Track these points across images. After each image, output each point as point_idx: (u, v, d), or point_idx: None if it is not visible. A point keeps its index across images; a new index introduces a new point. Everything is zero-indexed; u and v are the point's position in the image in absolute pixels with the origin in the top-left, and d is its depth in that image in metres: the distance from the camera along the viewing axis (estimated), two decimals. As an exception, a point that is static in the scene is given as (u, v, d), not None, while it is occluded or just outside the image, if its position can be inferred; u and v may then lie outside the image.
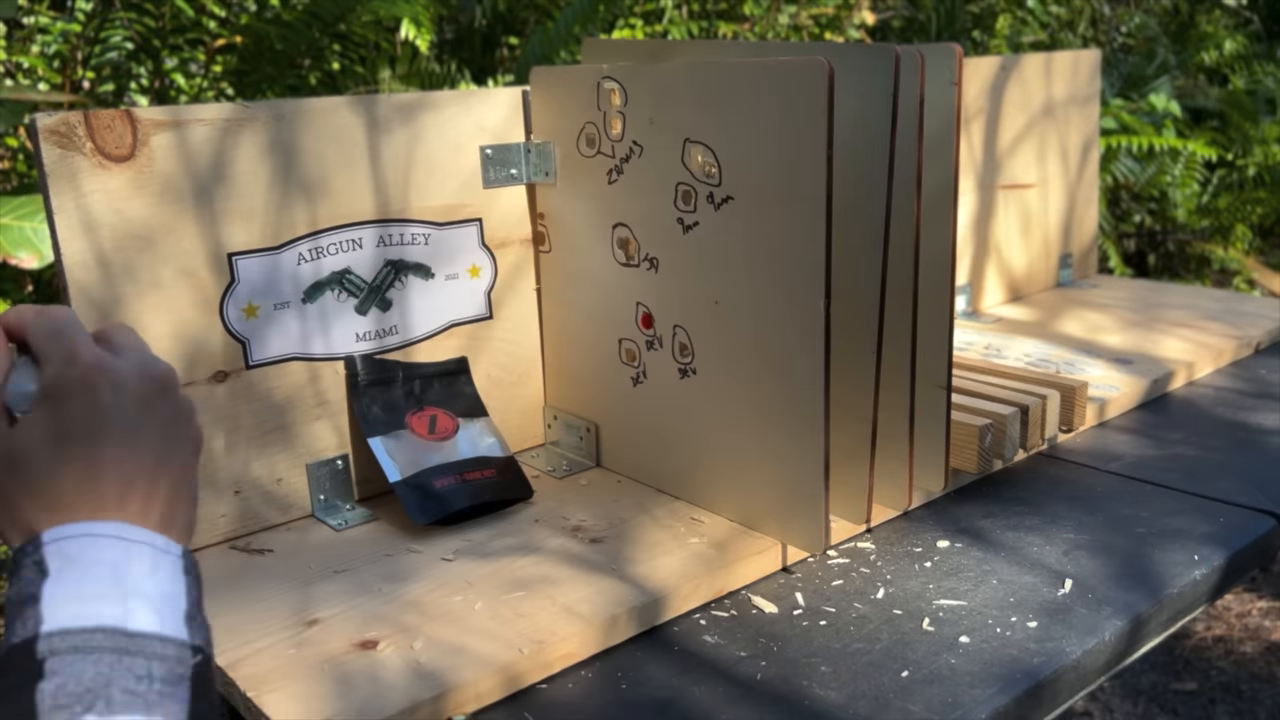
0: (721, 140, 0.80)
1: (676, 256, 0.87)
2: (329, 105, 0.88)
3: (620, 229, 0.92)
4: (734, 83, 0.78)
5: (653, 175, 0.87)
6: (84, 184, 0.78)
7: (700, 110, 0.81)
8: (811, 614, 0.77)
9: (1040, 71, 1.48)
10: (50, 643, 0.46)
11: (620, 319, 0.94)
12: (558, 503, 0.93)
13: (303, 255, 0.88)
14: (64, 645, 0.46)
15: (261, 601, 0.78)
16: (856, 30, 3.15)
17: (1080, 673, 0.72)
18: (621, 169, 0.90)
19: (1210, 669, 2.11)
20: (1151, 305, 1.49)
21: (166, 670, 0.47)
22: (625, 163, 0.89)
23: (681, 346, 0.88)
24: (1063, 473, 1.00)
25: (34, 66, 2.31)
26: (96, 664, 0.46)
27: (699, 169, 0.82)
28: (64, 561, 0.48)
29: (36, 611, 0.47)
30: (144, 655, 0.47)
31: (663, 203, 0.86)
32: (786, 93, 0.74)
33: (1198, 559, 0.83)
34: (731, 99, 0.78)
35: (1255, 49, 4.02)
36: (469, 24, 2.93)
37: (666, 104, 0.84)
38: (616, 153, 0.90)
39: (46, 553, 0.48)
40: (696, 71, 0.81)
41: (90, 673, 0.46)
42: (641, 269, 0.90)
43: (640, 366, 0.93)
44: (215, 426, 0.86)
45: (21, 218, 1.70)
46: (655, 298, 0.90)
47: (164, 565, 0.50)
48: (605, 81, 0.89)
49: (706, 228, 0.83)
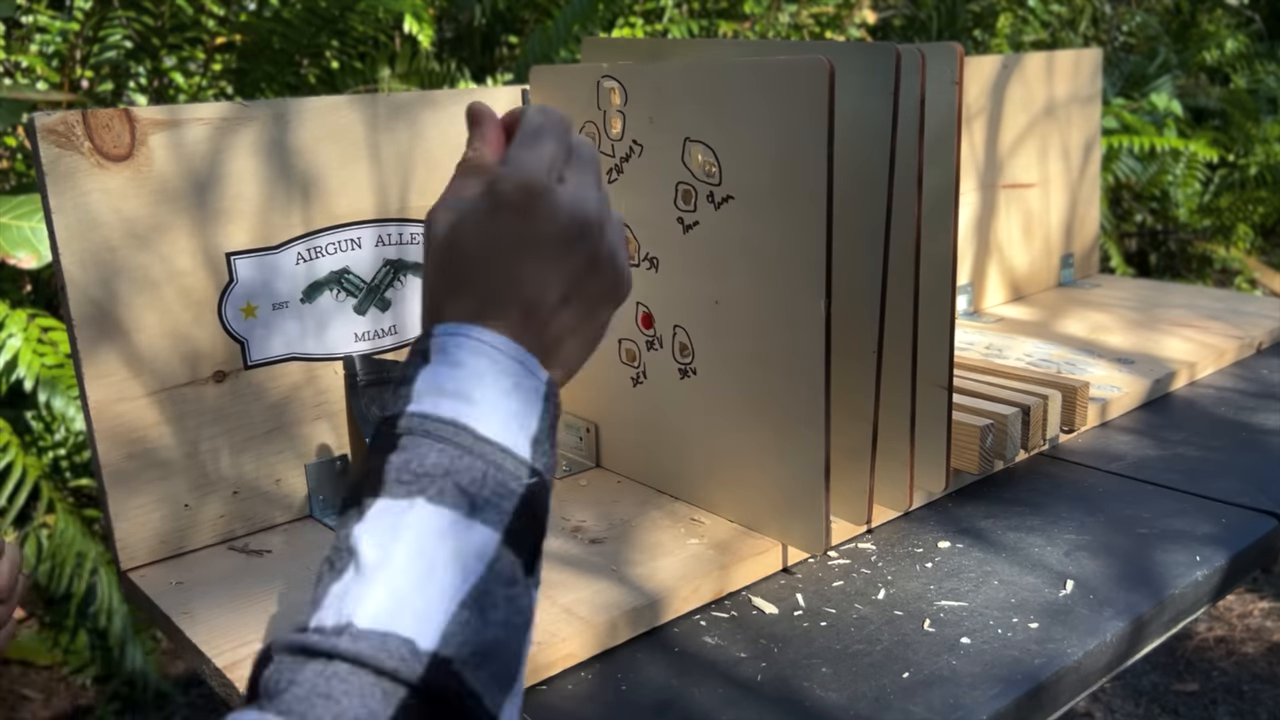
0: (721, 139, 0.80)
1: (676, 256, 0.86)
2: (328, 104, 0.88)
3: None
4: (734, 82, 0.77)
5: (653, 174, 0.86)
6: (82, 183, 0.77)
7: (700, 109, 0.81)
8: (812, 615, 0.77)
9: (1041, 71, 1.48)
10: (409, 421, 0.50)
11: (620, 319, 0.93)
12: (557, 503, 0.93)
13: (301, 255, 0.88)
14: (419, 427, 0.50)
15: (260, 602, 0.78)
16: (857, 29, 3.15)
17: (1082, 674, 0.72)
18: (621, 168, 0.89)
19: (1212, 670, 2.11)
20: (1153, 305, 1.48)
21: (500, 481, 0.49)
22: (625, 162, 0.89)
23: (681, 346, 0.88)
24: (1064, 473, 0.99)
25: (32, 65, 2.30)
26: (440, 454, 0.49)
27: (699, 168, 0.82)
28: (443, 356, 0.52)
29: (408, 391, 0.51)
30: (484, 460, 0.49)
31: (663, 202, 0.86)
32: (787, 92, 0.74)
33: (1199, 560, 0.83)
34: (731, 98, 0.78)
35: (1257, 48, 4.02)
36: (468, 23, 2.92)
37: (666, 103, 0.83)
38: (616, 152, 0.89)
39: (433, 343, 0.52)
40: (696, 70, 0.81)
41: (433, 459, 0.49)
42: (641, 269, 0.90)
43: (640, 367, 0.93)
44: (213, 427, 0.86)
45: (20, 217, 1.70)
46: (655, 298, 0.90)
47: (526, 388, 0.52)
48: (605, 80, 0.88)
49: (706, 227, 0.83)
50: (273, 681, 0.44)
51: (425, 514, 0.47)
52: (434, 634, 0.45)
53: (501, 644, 0.47)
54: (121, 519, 0.83)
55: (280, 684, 0.43)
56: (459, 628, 0.45)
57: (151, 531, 0.84)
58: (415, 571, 0.46)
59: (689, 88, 0.81)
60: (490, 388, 0.51)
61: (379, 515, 0.48)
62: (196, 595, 0.79)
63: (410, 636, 0.44)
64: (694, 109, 0.81)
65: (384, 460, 0.49)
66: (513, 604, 0.48)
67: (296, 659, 0.44)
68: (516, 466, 0.50)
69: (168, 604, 0.78)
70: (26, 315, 1.91)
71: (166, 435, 0.84)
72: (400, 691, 0.43)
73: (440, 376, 0.51)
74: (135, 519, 0.83)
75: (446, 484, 0.48)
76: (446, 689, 0.44)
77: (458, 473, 0.48)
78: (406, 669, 0.43)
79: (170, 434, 0.84)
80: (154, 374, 0.83)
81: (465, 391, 0.50)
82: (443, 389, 0.51)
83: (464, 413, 0.50)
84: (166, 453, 0.84)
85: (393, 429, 0.50)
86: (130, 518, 0.83)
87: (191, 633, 0.74)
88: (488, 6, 2.90)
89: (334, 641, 0.44)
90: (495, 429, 0.50)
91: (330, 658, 0.44)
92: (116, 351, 0.81)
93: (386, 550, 0.47)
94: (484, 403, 0.51)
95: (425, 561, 0.46)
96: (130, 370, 0.81)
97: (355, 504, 0.49)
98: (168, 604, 0.78)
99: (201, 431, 0.85)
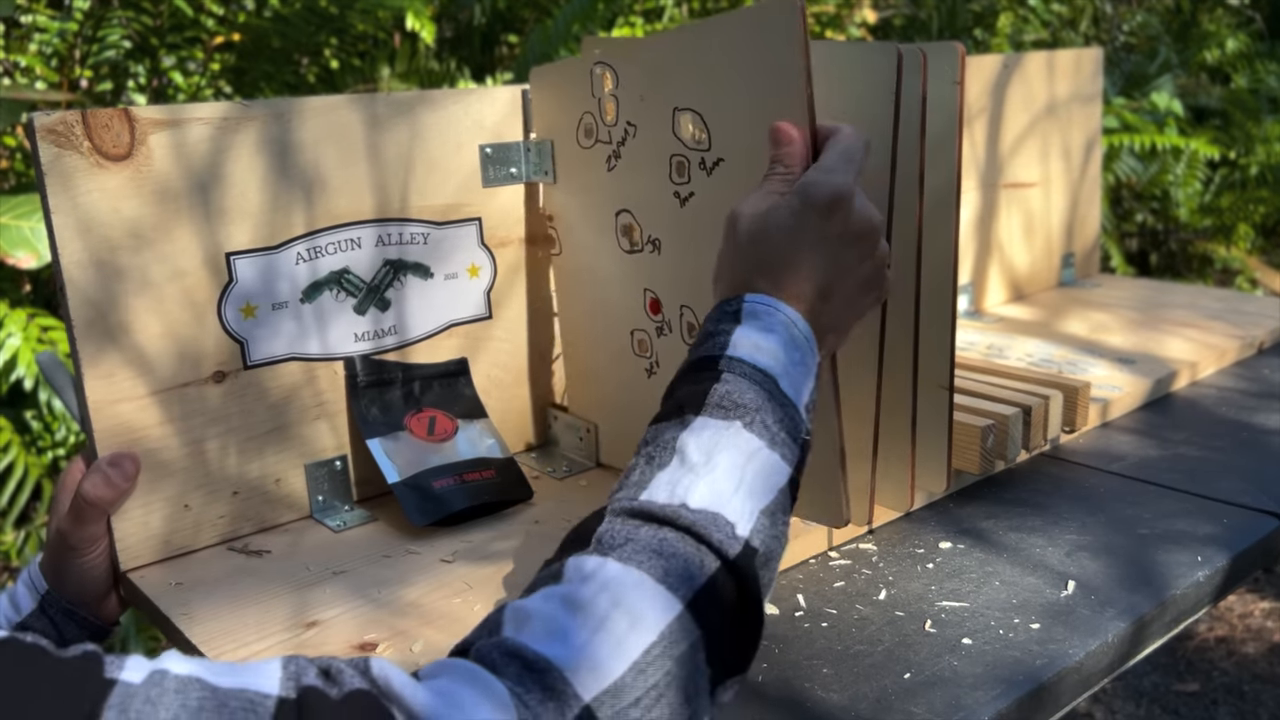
0: (707, 101, 0.79)
1: (676, 233, 0.85)
2: (328, 104, 0.88)
3: (623, 215, 0.90)
4: (711, 39, 0.76)
5: (648, 152, 0.85)
6: (81, 183, 0.77)
7: (685, 75, 0.80)
8: (813, 616, 0.77)
9: (1042, 70, 1.48)
10: (729, 362, 0.62)
11: (631, 310, 0.92)
12: (558, 504, 0.93)
13: (301, 255, 0.88)
14: (738, 368, 0.61)
15: (260, 603, 0.78)
16: (858, 28, 3.14)
17: (1083, 674, 0.72)
18: (619, 153, 0.88)
19: (1213, 670, 2.11)
20: (1154, 305, 1.48)
21: (791, 429, 0.61)
22: (622, 146, 0.88)
23: (690, 326, 0.87)
24: (1065, 473, 0.99)
25: (31, 65, 2.30)
26: (756, 392, 0.60)
27: (689, 138, 0.81)
28: (755, 320, 0.63)
29: (725, 340, 0.63)
30: (783, 408, 0.61)
31: (659, 178, 0.85)
32: (761, 36, 0.72)
33: (1201, 560, 0.82)
34: (711, 58, 0.77)
35: (1258, 47, 4.01)
36: (468, 22, 2.92)
37: (654, 77, 0.83)
38: (613, 137, 0.88)
39: (745, 307, 0.64)
40: (679, 36, 0.80)
41: (750, 395, 0.60)
42: (645, 253, 0.88)
43: (653, 357, 0.92)
44: (213, 427, 0.86)
45: (19, 217, 1.70)
46: (660, 280, 0.88)
47: (808, 364, 0.64)
48: (597, 67, 0.88)
49: (702, 196, 0.82)
50: (609, 535, 0.55)
51: (741, 436, 0.58)
52: (749, 526, 0.56)
53: (776, 556, 0.58)
54: (121, 519, 0.83)
55: (617, 539, 0.54)
56: (763, 529, 0.57)
57: (151, 532, 0.84)
58: (732, 478, 0.57)
59: (673, 56, 0.80)
60: (788, 355, 0.62)
61: (701, 428, 0.59)
62: (196, 596, 0.79)
63: (733, 521, 0.56)
64: (679, 76, 0.80)
65: (708, 387, 0.60)
66: (787, 527, 0.60)
67: (633, 521, 0.55)
68: (800, 422, 0.62)
69: (167, 604, 0.78)
70: (26, 315, 1.91)
71: (166, 435, 0.84)
72: (715, 563, 0.54)
73: (756, 336, 0.62)
74: (135, 519, 0.83)
75: (757, 418, 0.59)
76: (750, 570, 0.55)
77: (765, 411, 0.60)
78: (727, 545, 0.55)
79: (170, 434, 0.84)
80: (154, 374, 0.82)
81: (776, 354, 0.62)
82: (759, 346, 0.62)
83: (773, 368, 0.61)
84: (166, 453, 0.84)
85: (714, 364, 0.61)
86: (130, 518, 0.83)
87: (191, 633, 0.74)
88: (487, 6, 2.90)
89: (674, 511, 0.55)
90: (790, 389, 0.62)
91: (664, 524, 0.55)
92: (116, 351, 0.81)
93: (710, 456, 0.57)
94: (786, 364, 0.62)
95: (739, 473, 0.57)
96: (130, 370, 0.81)
97: (676, 415, 0.60)
98: (167, 604, 0.78)
99: (201, 432, 0.85)
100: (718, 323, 0.64)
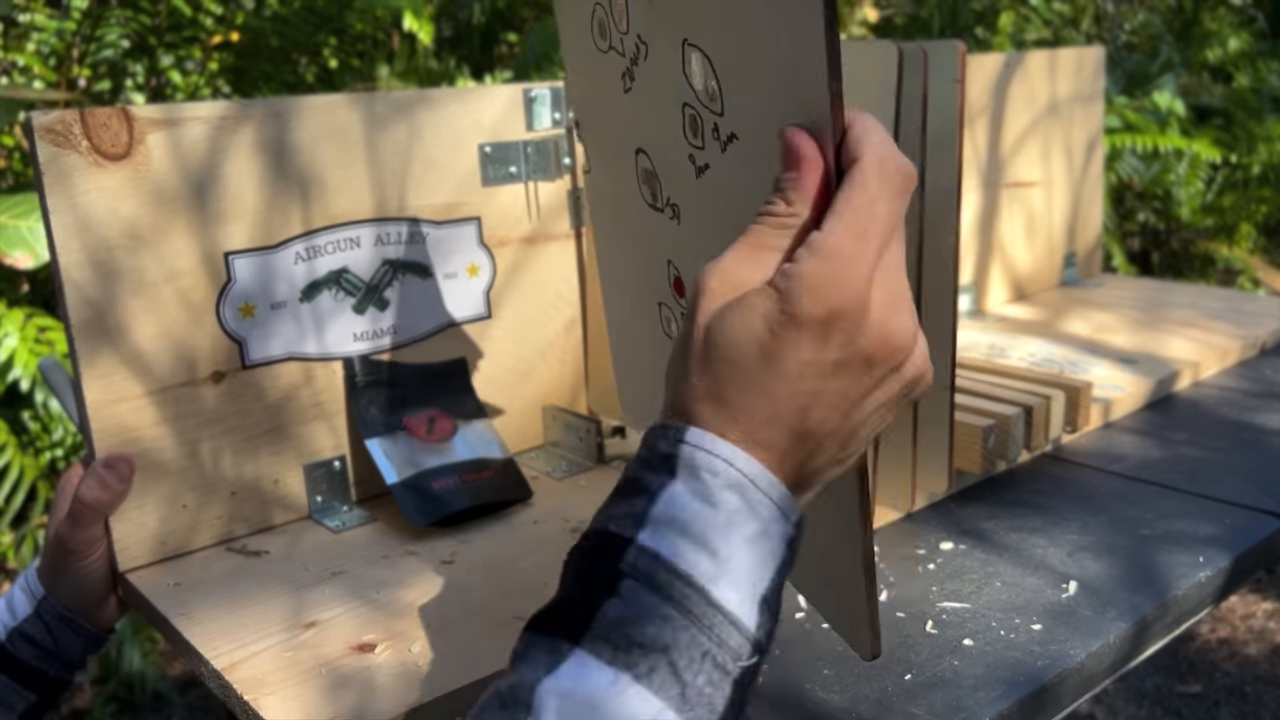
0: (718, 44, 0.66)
1: (694, 206, 0.78)
2: (326, 103, 0.87)
3: (641, 157, 0.83)
4: None
5: (661, 85, 0.73)
6: (80, 183, 0.77)
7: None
8: (814, 617, 0.76)
9: (1044, 69, 1.47)
10: (637, 558, 0.43)
11: (656, 280, 0.83)
12: (557, 504, 0.93)
13: (299, 254, 0.88)
14: (645, 571, 0.43)
15: (258, 604, 0.77)
16: (859, 27, 3.14)
17: (1084, 675, 0.71)
18: (632, 73, 0.80)
19: (1215, 671, 2.11)
20: (1156, 305, 1.48)
21: (719, 664, 0.43)
22: (634, 66, 0.78)
23: None
24: (1067, 474, 0.99)
25: (30, 64, 2.30)
26: (663, 624, 0.42)
27: (701, 87, 0.71)
28: (694, 480, 0.44)
29: (645, 511, 0.44)
30: (709, 634, 0.42)
31: (673, 127, 0.75)
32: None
33: (1203, 561, 0.82)
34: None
35: (1260, 47, 4.01)
36: (467, 20, 2.92)
37: None
38: (625, 49, 0.79)
39: (684, 454, 0.45)
40: None
41: (653, 630, 0.42)
42: (666, 216, 0.82)
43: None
44: (211, 427, 0.86)
45: (17, 217, 1.69)
46: (683, 256, 0.80)
47: (773, 534, 0.45)
48: None
49: (717, 175, 0.74)
50: None
51: (630, 700, 0.41)
52: None
53: None
54: (119, 519, 0.82)
55: None
56: None
57: (149, 532, 0.84)
58: None
59: None
60: (737, 536, 0.44)
61: (575, 675, 0.41)
62: (194, 596, 0.79)
63: None
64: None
65: (597, 602, 0.43)
66: None
67: None
68: (740, 644, 0.43)
69: (165, 605, 0.78)
70: (23, 315, 1.91)
71: (164, 436, 0.83)
72: None
73: (687, 509, 0.44)
74: (133, 520, 0.83)
75: (661, 663, 0.41)
76: None
77: (677, 650, 0.42)
78: None
79: (168, 434, 0.84)
80: (151, 374, 0.82)
81: (711, 542, 0.43)
82: (687, 529, 0.43)
83: (703, 571, 0.43)
84: (164, 453, 0.84)
85: (616, 559, 0.43)
86: (128, 518, 0.83)
87: (189, 634, 0.74)
88: (487, 4, 2.90)
89: None
90: (730, 593, 0.43)
91: None
92: (114, 351, 0.80)
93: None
94: (727, 560, 0.43)
95: None
96: (128, 370, 0.81)
97: (546, 635, 0.43)
98: (165, 605, 0.78)
99: (199, 432, 0.85)
100: (644, 465, 0.46)
